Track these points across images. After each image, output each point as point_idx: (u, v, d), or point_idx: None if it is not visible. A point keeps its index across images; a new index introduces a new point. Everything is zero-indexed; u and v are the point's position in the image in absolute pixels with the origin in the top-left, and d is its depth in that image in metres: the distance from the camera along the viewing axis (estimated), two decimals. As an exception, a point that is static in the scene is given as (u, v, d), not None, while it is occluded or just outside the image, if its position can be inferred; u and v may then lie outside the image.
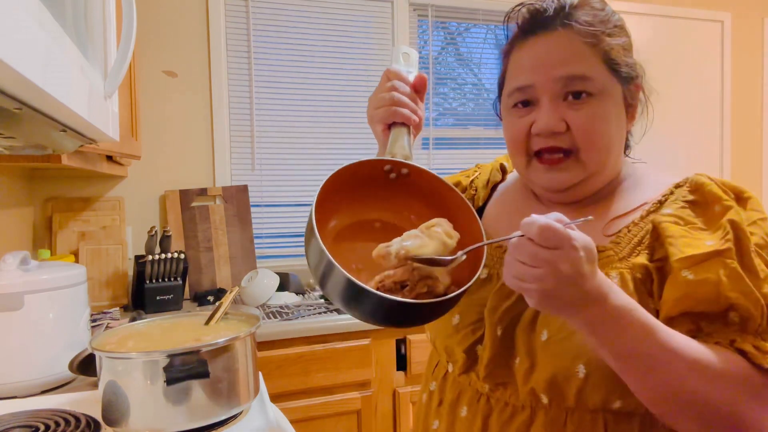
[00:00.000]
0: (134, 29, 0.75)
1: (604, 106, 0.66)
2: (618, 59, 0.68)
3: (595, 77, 0.66)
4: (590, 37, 0.66)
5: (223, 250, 2.17)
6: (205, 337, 0.96)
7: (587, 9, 0.68)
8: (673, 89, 2.89)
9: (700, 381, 0.55)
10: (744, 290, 0.57)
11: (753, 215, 0.62)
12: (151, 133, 2.13)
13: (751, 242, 0.60)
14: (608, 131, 0.67)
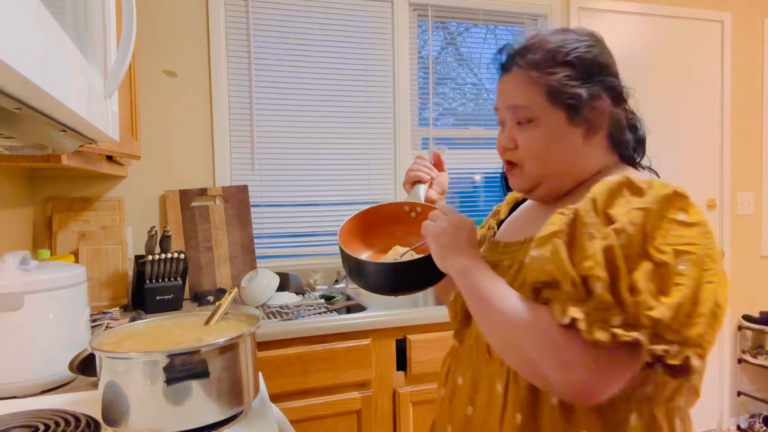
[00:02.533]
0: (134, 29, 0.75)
1: (544, 130, 0.82)
2: (558, 91, 0.80)
3: (535, 107, 0.82)
4: (533, 74, 0.82)
5: (223, 250, 2.17)
6: (205, 337, 0.96)
7: (536, 51, 0.83)
8: (673, 89, 2.89)
9: (516, 329, 0.70)
10: (558, 264, 0.67)
11: (635, 203, 0.69)
12: (151, 133, 2.13)
13: (595, 228, 0.68)
14: (546, 149, 0.82)
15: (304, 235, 2.36)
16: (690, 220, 0.68)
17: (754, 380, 3.06)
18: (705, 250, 0.67)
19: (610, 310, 0.64)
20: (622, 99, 0.88)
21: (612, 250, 0.66)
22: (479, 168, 2.62)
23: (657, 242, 0.66)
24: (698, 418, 2.96)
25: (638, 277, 0.64)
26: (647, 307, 0.63)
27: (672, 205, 0.69)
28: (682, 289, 0.64)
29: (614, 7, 2.75)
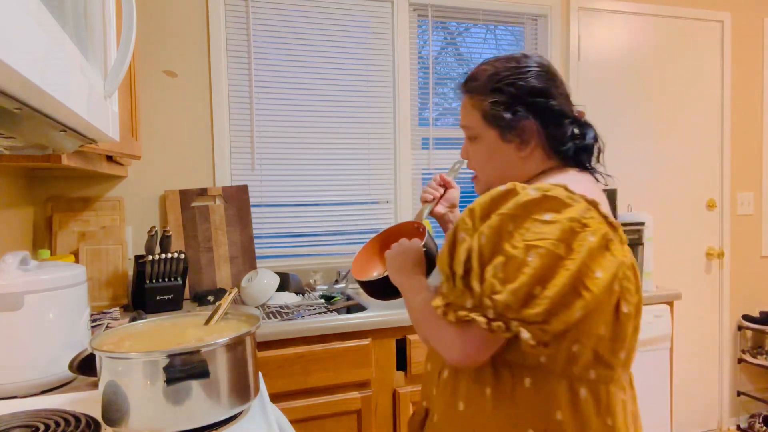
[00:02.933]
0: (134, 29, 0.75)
1: (482, 145, 1.02)
2: (491, 114, 0.98)
3: (475, 127, 1.02)
4: (471, 98, 1.04)
5: (223, 250, 2.17)
6: (206, 337, 0.96)
7: (476, 79, 1.03)
8: (673, 89, 2.89)
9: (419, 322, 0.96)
10: (442, 264, 0.87)
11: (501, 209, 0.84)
12: (151, 133, 2.13)
13: (468, 232, 0.84)
14: (487, 161, 1.02)
15: (304, 235, 2.36)
16: (552, 219, 0.80)
17: (754, 380, 3.06)
18: (561, 242, 0.79)
19: (463, 298, 0.83)
20: (558, 116, 1.00)
21: (471, 250, 0.83)
22: (479, 168, 2.62)
23: (514, 240, 0.80)
24: (698, 418, 2.96)
25: (488, 269, 0.80)
26: (492, 293, 0.79)
27: (538, 207, 0.82)
28: (523, 277, 0.77)
29: (614, 7, 2.75)
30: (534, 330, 0.78)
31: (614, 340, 0.87)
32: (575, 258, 0.78)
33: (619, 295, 0.85)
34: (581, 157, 1.03)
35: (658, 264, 2.79)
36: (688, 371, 2.93)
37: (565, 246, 0.79)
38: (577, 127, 1.03)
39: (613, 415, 0.91)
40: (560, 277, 0.78)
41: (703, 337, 2.98)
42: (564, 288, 0.77)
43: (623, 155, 2.81)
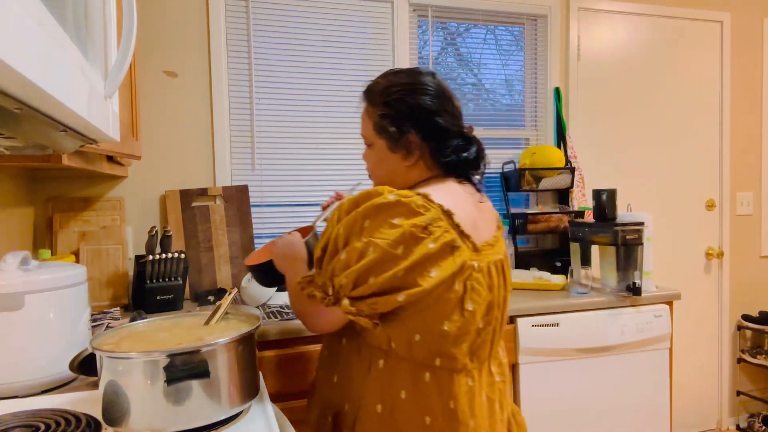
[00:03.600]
0: (134, 29, 0.76)
1: (373, 153, 1.14)
2: (379, 125, 1.10)
3: (368, 136, 1.13)
4: (367, 110, 1.13)
5: (223, 250, 2.17)
6: (206, 337, 0.96)
7: (372, 92, 1.13)
8: (673, 89, 2.89)
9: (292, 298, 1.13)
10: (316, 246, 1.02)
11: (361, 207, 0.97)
12: (151, 133, 2.13)
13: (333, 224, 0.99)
14: (376, 167, 1.15)
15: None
16: (398, 223, 0.93)
17: (754, 380, 3.06)
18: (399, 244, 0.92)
19: (316, 276, 1.00)
20: (442, 132, 1.09)
21: (329, 238, 0.98)
22: (479, 168, 2.62)
23: (362, 235, 0.94)
24: (698, 418, 2.96)
25: (338, 256, 0.95)
26: (332, 275, 0.96)
27: (390, 211, 0.95)
28: (359, 266, 0.92)
29: (614, 7, 2.76)
30: (361, 306, 0.93)
31: (458, 334, 0.98)
32: (410, 258, 0.91)
33: (463, 294, 0.96)
34: (463, 168, 1.12)
35: (658, 264, 2.79)
36: (688, 371, 2.94)
37: (404, 247, 0.92)
38: (462, 142, 1.11)
39: (455, 399, 1.00)
40: (391, 270, 0.91)
41: (703, 337, 2.98)
42: (391, 279, 0.91)
43: (623, 155, 2.81)
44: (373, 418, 1.00)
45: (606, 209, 2.11)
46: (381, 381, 1.00)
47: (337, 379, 1.09)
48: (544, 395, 1.91)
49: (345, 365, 1.07)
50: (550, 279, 2.15)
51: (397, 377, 1.00)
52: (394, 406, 0.99)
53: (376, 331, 0.97)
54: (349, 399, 1.05)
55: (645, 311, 2.01)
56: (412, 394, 0.99)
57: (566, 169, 2.48)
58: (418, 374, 1.00)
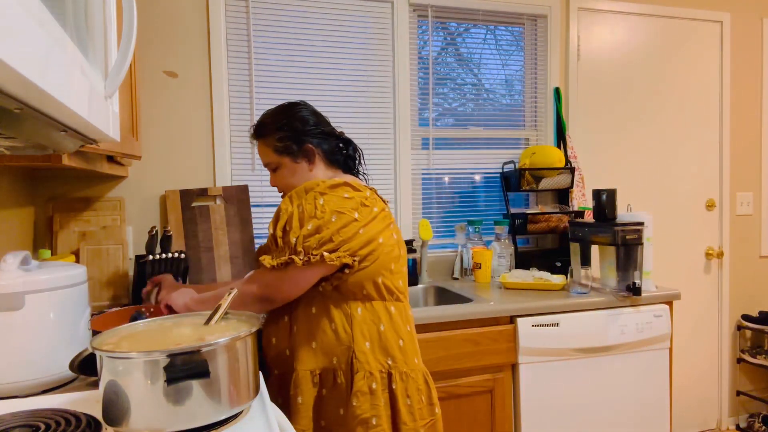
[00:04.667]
0: (134, 29, 0.76)
1: (282, 171, 1.41)
2: (278, 147, 1.39)
3: (272, 160, 1.41)
4: (264, 142, 1.42)
5: (223, 250, 2.17)
6: (206, 337, 0.96)
7: (261, 128, 1.42)
8: (672, 89, 2.89)
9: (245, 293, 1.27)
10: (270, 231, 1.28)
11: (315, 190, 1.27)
12: (151, 133, 2.13)
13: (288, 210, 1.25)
14: (288, 181, 1.40)
15: (304, 235, 2.36)
16: (350, 196, 1.27)
17: (754, 380, 3.06)
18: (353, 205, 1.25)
19: (283, 251, 1.24)
20: (327, 136, 1.43)
21: (291, 218, 1.24)
22: (479, 168, 2.62)
23: (323, 209, 1.23)
24: (698, 418, 2.96)
25: (305, 228, 1.22)
26: (304, 241, 1.21)
27: (340, 189, 1.27)
28: (326, 230, 1.22)
29: (614, 7, 2.76)
30: (332, 257, 1.21)
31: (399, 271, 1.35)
32: (363, 220, 1.25)
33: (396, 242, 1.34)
34: (349, 164, 1.47)
35: (658, 264, 2.79)
36: (688, 371, 2.94)
37: (359, 213, 1.25)
38: (342, 143, 1.46)
39: (411, 323, 1.39)
40: (351, 228, 1.23)
41: (703, 337, 2.98)
42: (351, 234, 1.23)
43: (623, 155, 2.81)
44: (366, 353, 1.27)
45: (606, 209, 2.11)
46: (363, 324, 1.28)
47: (316, 344, 1.28)
48: (544, 395, 1.91)
49: (320, 329, 1.28)
50: (550, 279, 2.15)
51: (374, 316, 1.29)
52: (378, 338, 1.29)
53: (350, 281, 1.25)
54: (334, 353, 1.27)
55: (645, 311, 2.01)
56: (387, 325, 1.31)
57: (566, 169, 2.48)
58: (387, 309, 1.32)
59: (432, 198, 2.57)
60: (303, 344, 1.29)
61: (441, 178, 2.58)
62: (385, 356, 1.29)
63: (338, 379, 1.27)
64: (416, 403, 1.30)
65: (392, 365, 1.29)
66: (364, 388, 1.25)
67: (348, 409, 1.25)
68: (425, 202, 2.56)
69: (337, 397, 1.28)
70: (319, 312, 1.29)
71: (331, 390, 1.28)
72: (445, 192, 2.59)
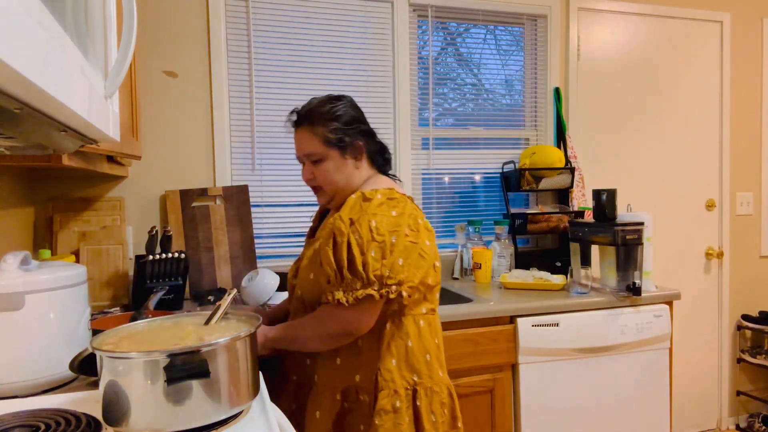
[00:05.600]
0: (134, 29, 0.76)
1: (327, 164, 1.31)
2: (329, 138, 1.29)
3: (317, 151, 1.30)
4: (312, 130, 1.30)
5: (223, 250, 2.17)
6: (206, 337, 0.96)
7: (312, 115, 1.31)
8: (673, 89, 2.89)
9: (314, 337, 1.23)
10: (327, 263, 1.19)
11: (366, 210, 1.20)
12: (151, 133, 2.13)
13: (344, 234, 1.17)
14: (330, 176, 1.32)
15: (304, 235, 2.36)
16: (398, 213, 1.21)
17: (754, 380, 3.06)
18: (407, 226, 1.20)
19: (353, 282, 1.16)
20: (372, 136, 1.36)
21: (350, 245, 1.16)
22: (479, 168, 2.62)
23: (380, 230, 1.17)
24: (698, 418, 2.96)
25: (370, 255, 1.15)
26: (374, 270, 1.15)
27: (389, 206, 1.21)
28: (394, 252, 1.17)
29: (614, 7, 2.76)
30: (405, 288, 1.18)
31: (434, 285, 1.29)
32: (415, 237, 1.21)
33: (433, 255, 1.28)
34: (386, 166, 1.42)
35: (658, 264, 2.79)
36: (688, 371, 2.94)
37: (410, 229, 1.20)
38: (380, 145, 1.40)
39: (439, 336, 1.34)
40: (412, 248, 1.20)
41: (703, 337, 2.98)
42: (414, 261, 1.20)
43: (623, 155, 2.81)
44: (392, 371, 1.23)
45: (606, 209, 2.11)
46: (391, 341, 1.23)
47: (340, 360, 1.24)
48: (544, 395, 1.91)
49: (344, 346, 1.23)
50: (550, 279, 2.15)
51: (402, 332, 1.25)
52: (405, 355, 1.24)
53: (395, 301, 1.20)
54: (359, 371, 1.23)
55: (645, 311, 2.01)
56: (416, 340, 1.26)
57: (566, 169, 2.48)
58: (417, 323, 1.27)
59: (432, 198, 2.57)
60: (326, 359, 1.25)
61: (441, 178, 2.58)
62: (411, 372, 1.24)
63: (361, 396, 1.24)
64: (440, 418, 1.27)
65: (417, 381, 1.25)
66: (387, 406, 1.21)
67: (370, 427, 1.21)
68: (425, 202, 2.56)
69: (358, 414, 1.24)
70: None
71: (352, 406, 1.24)
72: (445, 192, 2.59)
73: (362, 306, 1.17)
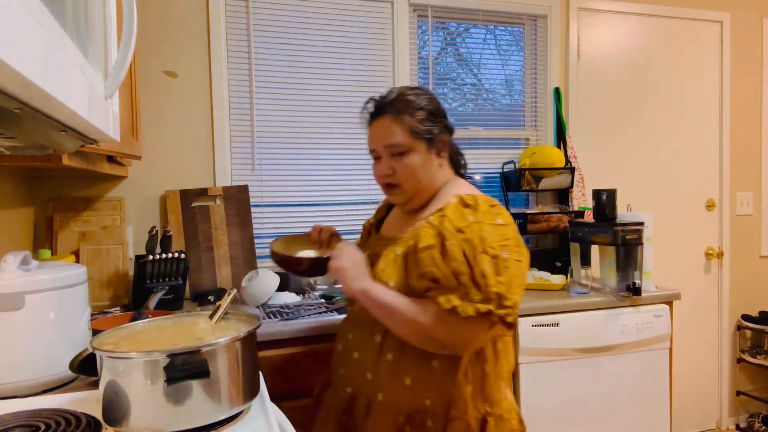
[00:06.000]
0: (134, 29, 0.76)
1: (411, 157, 1.17)
2: (416, 128, 1.16)
3: (403, 142, 1.16)
4: (398, 118, 1.17)
5: (223, 250, 2.17)
6: (206, 337, 0.96)
7: (398, 102, 1.18)
8: (673, 89, 2.89)
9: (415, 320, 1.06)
10: (443, 270, 1.04)
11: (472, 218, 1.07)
12: (151, 133, 2.13)
13: (454, 238, 1.04)
14: (415, 172, 1.17)
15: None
16: (504, 223, 1.08)
17: (754, 380, 3.06)
18: (514, 240, 1.07)
19: (472, 293, 1.01)
20: (452, 133, 1.26)
21: (465, 252, 1.03)
22: (479, 168, 2.62)
23: (491, 242, 1.03)
24: (698, 418, 2.96)
25: (484, 267, 1.01)
26: (492, 286, 1.00)
27: (492, 215, 1.08)
28: (507, 271, 1.02)
29: (614, 8, 2.76)
30: (515, 312, 1.04)
31: None
32: (520, 251, 1.08)
33: None
34: (461, 169, 1.31)
35: (658, 264, 2.79)
36: (688, 371, 2.94)
37: (516, 245, 1.07)
38: (456, 145, 1.31)
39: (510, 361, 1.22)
40: (520, 267, 1.06)
41: (703, 337, 2.98)
42: (522, 276, 1.07)
43: (623, 155, 2.81)
44: (467, 400, 1.12)
45: (606, 209, 2.11)
46: (467, 365, 1.12)
47: (410, 381, 1.11)
48: (544, 395, 1.91)
49: (419, 365, 1.10)
50: (550, 279, 2.15)
51: (480, 356, 1.14)
52: (480, 381, 1.14)
53: None
54: (430, 394, 1.11)
55: (645, 311, 2.01)
56: (492, 364, 1.16)
57: (566, 169, 2.48)
58: (494, 345, 1.16)
59: (432, 198, 2.57)
60: (395, 377, 1.12)
61: (441, 178, 2.58)
62: (484, 402, 1.14)
63: (428, 422, 1.12)
64: None
65: (489, 411, 1.14)
66: None
67: None
68: (425, 202, 2.55)
69: None
70: None
71: (416, 431, 1.13)
72: (445, 192, 2.59)
73: (476, 324, 1.03)
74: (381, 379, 1.13)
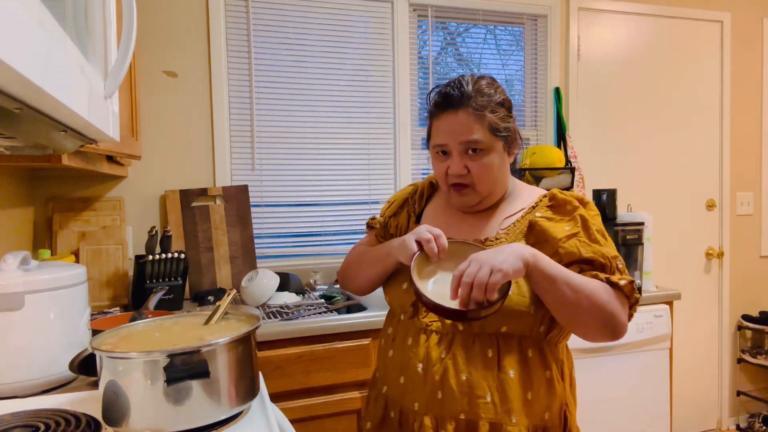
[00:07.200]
0: (134, 29, 0.75)
1: (490, 157, 1.07)
2: (497, 126, 1.06)
3: (483, 140, 1.05)
4: (479, 114, 1.05)
5: (223, 250, 2.17)
6: (206, 337, 0.96)
7: (478, 96, 1.06)
8: (673, 89, 2.89)
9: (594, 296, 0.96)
10: (594, 251, 1.01)
11: (591, 212, 1.07)
12: (151, 133, 2.13)
13: (593, 226, 1.04)
14: (492, 172, 1.08)
15: (304, 234, 2.36)
16: (596, 213, 1.09)
17: (754, 380, 3.06)
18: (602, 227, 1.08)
19: (617, 275, 1.00)
20: None
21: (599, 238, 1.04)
22: (479, 168, 2.62)
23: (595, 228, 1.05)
24: (698, 418, 2.96)
25: (605, 250, 1.02)
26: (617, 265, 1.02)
27: (591, 207, 1.09)
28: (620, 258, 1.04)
29: (614, 7, 2.76)
30: None
31: None
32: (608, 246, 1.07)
33: None
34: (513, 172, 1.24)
35: (658, 264, 2.79)
36: (688, 371, 2.94)
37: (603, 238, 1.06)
38: None
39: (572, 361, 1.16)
40: None
41: (703, 337, 2.98)
42: None
43: (623, 155, 2.81)
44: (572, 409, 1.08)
45: (606, 209, 2.11)
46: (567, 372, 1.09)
47: (532, 395, 1.02)
48: (544, 395, 1.91)
49: (536, 377, 1.02)
50: (550, 279, 2.14)
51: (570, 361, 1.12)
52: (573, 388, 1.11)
53: None
54: (549, 406, 1.03)
55: (645, 311, 2.01)
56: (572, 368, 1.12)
57: (566, 169, 2.48)
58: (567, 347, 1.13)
59: (432, 198, 2.57)
60: (518, 393, 1.01)
61: (441, 178, 2.58)
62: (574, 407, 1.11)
63: None
64: None
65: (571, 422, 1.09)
66: None
67: None
68: (425, 202, 2.55)
69: None
70: (535, 355, 1.03)
71: None
72: (445, 192, 2.59)
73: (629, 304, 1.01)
74: (508, 400, 1.00)
